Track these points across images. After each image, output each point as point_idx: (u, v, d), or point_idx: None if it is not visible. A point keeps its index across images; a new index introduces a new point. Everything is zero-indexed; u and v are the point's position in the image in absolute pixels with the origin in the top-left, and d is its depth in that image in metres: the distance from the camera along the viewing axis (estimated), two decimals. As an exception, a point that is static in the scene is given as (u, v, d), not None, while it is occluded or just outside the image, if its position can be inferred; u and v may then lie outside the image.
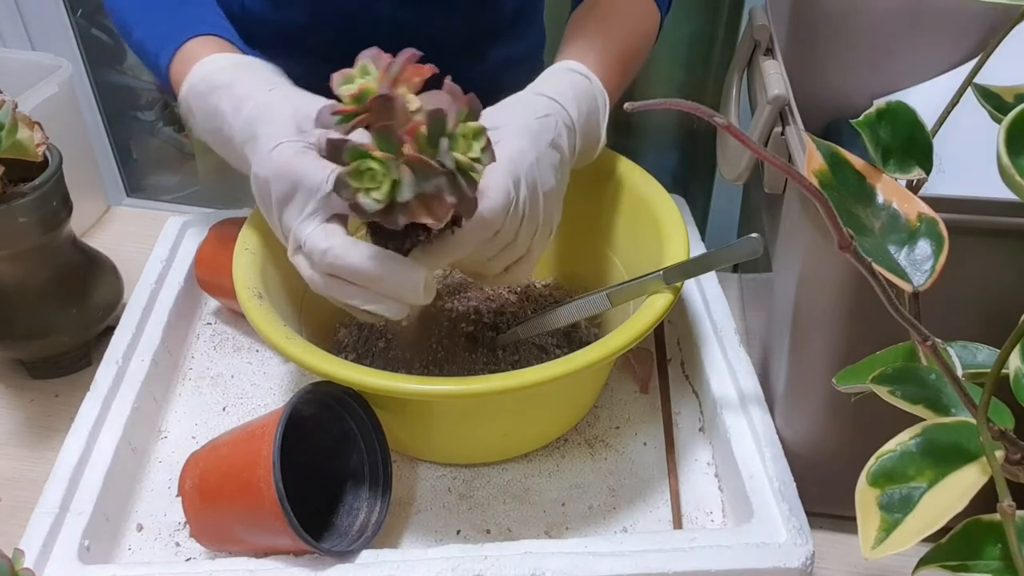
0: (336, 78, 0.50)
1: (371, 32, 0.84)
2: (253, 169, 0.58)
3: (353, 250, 0.53)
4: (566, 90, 0.64)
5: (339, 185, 0.50)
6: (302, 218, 0.55)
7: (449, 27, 0.85)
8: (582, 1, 0.76)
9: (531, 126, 0.60)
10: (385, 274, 0.53)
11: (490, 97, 0.64)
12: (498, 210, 0.55)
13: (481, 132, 0.51)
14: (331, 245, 0.53)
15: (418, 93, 0.50)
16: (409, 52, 0.50)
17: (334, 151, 0.49)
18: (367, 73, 0.50)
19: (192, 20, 0.67)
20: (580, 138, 0.64)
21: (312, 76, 0.66)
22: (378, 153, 0.48)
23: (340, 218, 0.55)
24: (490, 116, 0.62)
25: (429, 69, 0.51)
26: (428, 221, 0.50)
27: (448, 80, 0.51)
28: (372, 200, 0.49)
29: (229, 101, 0.60)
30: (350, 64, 0.51)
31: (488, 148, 0.51)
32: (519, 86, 0.66)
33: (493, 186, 0.55)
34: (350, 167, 0.49)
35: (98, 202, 0.98)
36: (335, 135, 0.49)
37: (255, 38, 0.70)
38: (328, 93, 0.52)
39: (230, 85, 0.61)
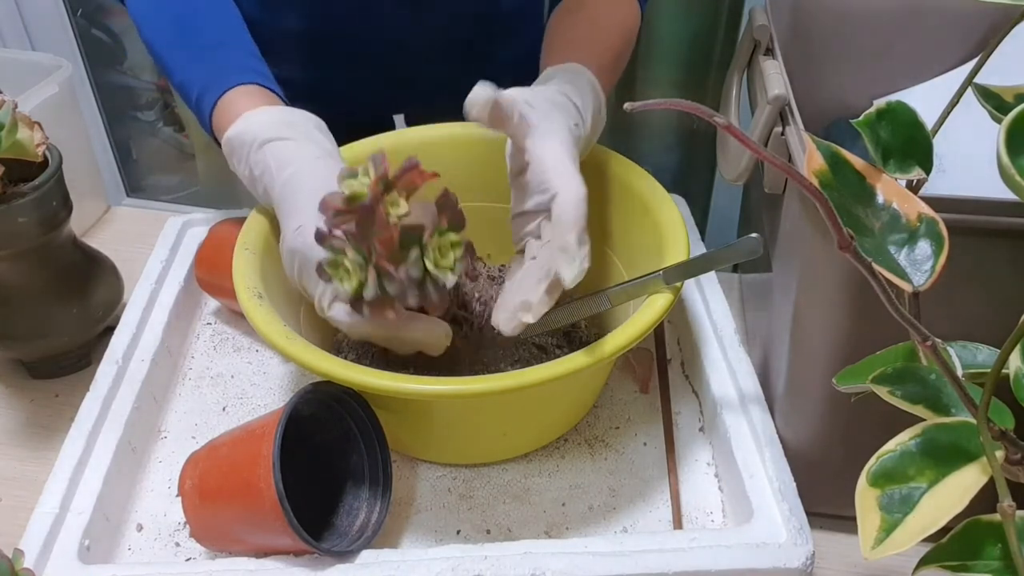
0: (341, 173, 0.55)
1: (373, 36, 0.84)
2: (281, 238, 0.62)
3: (371, 323, 0.58)
4: (588, 104, 0.66)
5: (319, 269, 0.57)
6: (321, 300, 0.60)
7: (450, 28, 0.85)
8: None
9: (571, 131, 0.62)
10: (406, 334, 0.59)
11: None
12: (583, 191, 0.58)
13: (459, 244, 0.57)
14: (353, 321, 0.58)
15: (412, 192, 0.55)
16: (411, 162, 0.55)
17: (320, 240, 0.56)
18: (365, 175, 0.55)
19: (233, 67, 0.69)
20: (584, 128, 0.65)
21: (317, 82, 0.67)
22: (350, 253, 0.55)
23: None
24: (534, 95, 0.62)
25: (430, 175, 0.55)
26: (390, 316, 0.56)
27: (445, 191, 0.56)
28: (344, 289, 0.56)
29: (275, 159, 0.63)
30: (353, 69, 0.53)
31: (464, 258, 0.57)
32: (526, 85, 0.66)
33: (567, 173, 0.58)
34: (328, 259, 0.56)
35: (98, 202, 0.98)
36: (323, 226, 0.56)
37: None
38: (336, 101, 0.54)
39: (278, 142, 0.63)
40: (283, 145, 0.63)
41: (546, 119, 0.60)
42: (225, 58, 0.70)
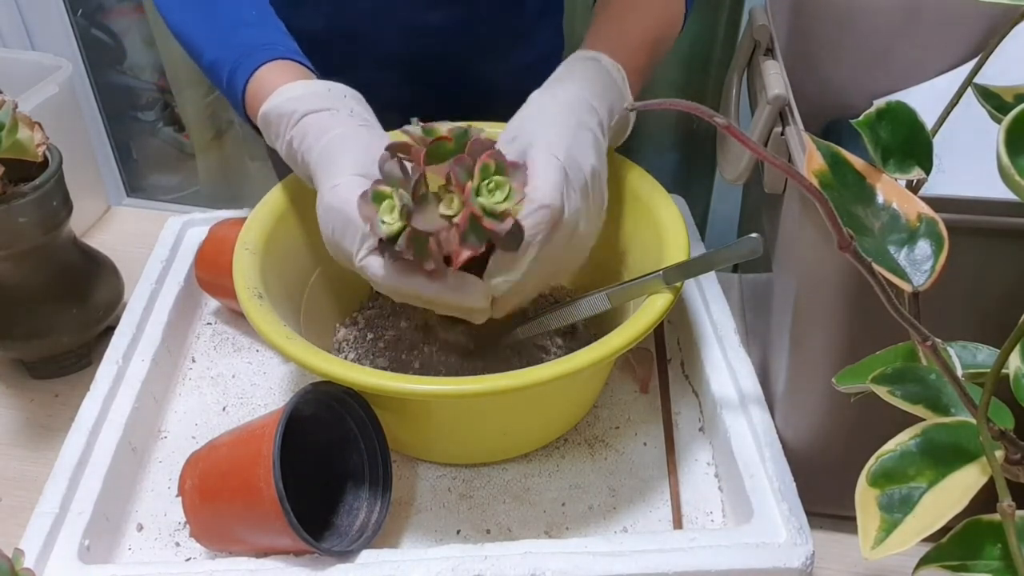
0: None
1: (394, 35, 0.84)
2: (318, 198, 0.61)
3: (405, 277, 0.56)
4: (578, 76, 0.65)
5: (364, 196, 0.55)
6: (358, 251, 0.58)
7: (473, 31, 0.86)
8: None
9: (556, 118, 0.61)
10: (439, 292, 0.57)
11: (511, 100, 0.65)
12: (554, 195, 0.56)
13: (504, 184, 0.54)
14: (386, 274, 0.57)
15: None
16: (487, 140, 0.54)
17: (383, 162, 0.55)
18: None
19: (262, 44, 0.69)
20: (606, 115, 0.65)
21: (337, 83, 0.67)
22: (400, 192, 0.54)
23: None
24: (517, 126, 0.63)
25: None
26: (425, 270, 0.56)
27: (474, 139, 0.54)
28: (380, 227, 0.54)
29: (314, 127, 0.63)
30: (373, 70, 0.54)
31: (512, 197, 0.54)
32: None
33: (543, 178, 0.57)
34: (377, 190, 0.55)
35: (98, 202, 0.98)
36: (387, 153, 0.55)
37: None
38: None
39: (317, 113, 0.63)
40: (322, 115, 0.63)
41: (532, 144, 0.60)
42: (253, 36, 0.70)
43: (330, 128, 0.62)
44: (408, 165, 0.55)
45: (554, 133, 0.60)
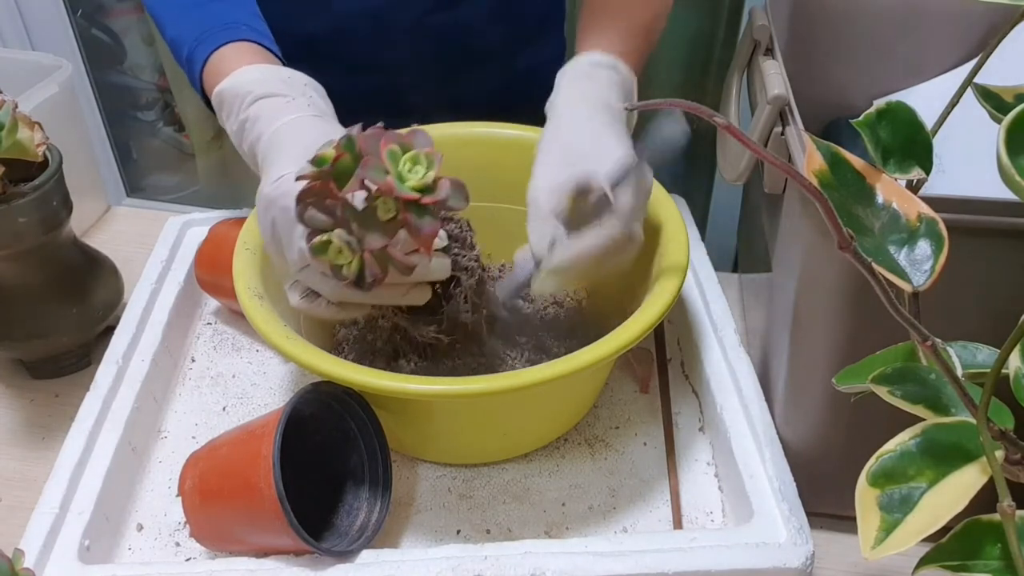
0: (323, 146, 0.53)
1: (400, 38, 0.84)
2: (260, 187, 0.60)
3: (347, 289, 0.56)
4: (606, 88, 0.66)
5: (311, 250, 0.53)
6: (298, 252, 0.56)
7: (477, 32, 0.86)
8: None
9: (608, 135, 0.62)
10: (387, 296, 0.58)
11: (516, 104, 0.65)
12: (633, 224, 0.60)
13: (421, 158, 0.53)
14: (332, 288, 0.57)
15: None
16: (375, 129, 0.53)
17: (301, 197, 0.53)
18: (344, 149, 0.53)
19: (228, 22, 0.68)
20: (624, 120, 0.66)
21: (341, 87, 0.67)
22: (338, 233, 0.53)
23: None
24: (565, 148, 0.63)
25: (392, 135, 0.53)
26: (388, 284, 0.55)
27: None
28: (344, 273, 0.54)
29: (266, 112, 0.62)
30: (373, 74, 0.53)
31: (434, 167, 0.52)
32: (543, 92, 0.67)
33: (623, 204, 0.59)
34: (317, 241, 0.53)
35: (98, 202, 0.98)
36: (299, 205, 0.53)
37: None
38: (357, 107, 0.59)
39: (272, 98, 0.62)
40: (277, 100, 0.62)
41: (597, 168, 0.61)
42: (219, 14, 0.69)
43: (282, 115, 0.61)
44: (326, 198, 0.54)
45: (615, 156, 0.60)
